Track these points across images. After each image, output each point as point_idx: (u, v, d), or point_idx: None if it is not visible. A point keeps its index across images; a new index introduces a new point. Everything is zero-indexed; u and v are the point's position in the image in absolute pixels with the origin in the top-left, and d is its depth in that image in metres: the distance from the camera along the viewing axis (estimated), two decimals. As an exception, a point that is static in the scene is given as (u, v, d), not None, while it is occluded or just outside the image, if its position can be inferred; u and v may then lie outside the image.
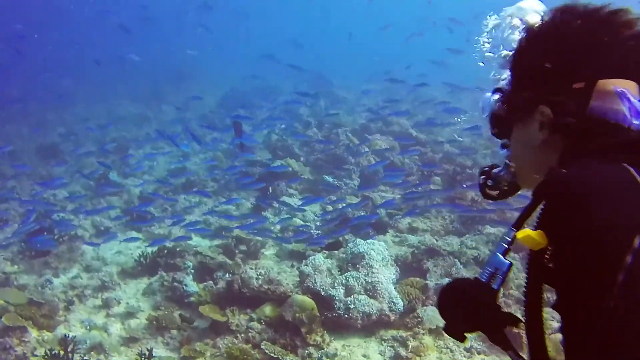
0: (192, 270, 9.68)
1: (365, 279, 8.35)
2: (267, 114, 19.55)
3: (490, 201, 1.95)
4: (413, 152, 13.80)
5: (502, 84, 1.72)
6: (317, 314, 8.02)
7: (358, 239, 9.46)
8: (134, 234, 11.92)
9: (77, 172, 15.81)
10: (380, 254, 8.76)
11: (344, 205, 11.63)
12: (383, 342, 8.06)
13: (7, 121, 22.13)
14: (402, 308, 8.20)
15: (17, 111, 22.60)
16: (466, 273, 9.14)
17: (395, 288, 8.47)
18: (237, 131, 12.89)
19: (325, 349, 7.80)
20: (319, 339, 7.85)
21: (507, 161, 1.75)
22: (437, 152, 15.22)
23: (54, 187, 14.23)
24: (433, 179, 13.17)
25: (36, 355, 8.17)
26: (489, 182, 1.81)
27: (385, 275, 8.45)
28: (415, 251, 9.72)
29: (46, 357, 7.85)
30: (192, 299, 9.07)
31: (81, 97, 27.34)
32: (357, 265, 8.63)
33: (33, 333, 8.59)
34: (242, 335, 8.09)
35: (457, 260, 9.43)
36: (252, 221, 10.97)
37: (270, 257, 10.60)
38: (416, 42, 27.77)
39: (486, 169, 1.86)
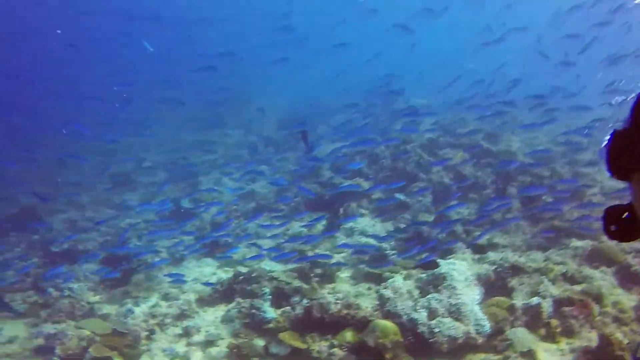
0: (269, 297, 9.58)
1: (448, 301, 8.03)
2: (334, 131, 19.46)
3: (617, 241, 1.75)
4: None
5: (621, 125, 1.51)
6: (401, 338, 7.74)
7: (438, 260, 9.13)
8: (209, 261, 11.98)
9: (148, 203, 16.21)
10: (462, 274, 8.42)
11: (418, 222, 11.30)
12: (472, 367, 7.69)
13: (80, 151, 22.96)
14: (488, 330, 7.81)
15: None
16: (555, 291, 8.63)
17: (480, 309, 8.08)
18: (304, 140, 12.73)
19: (412, 376, 7.51)
20: (404, 365, 7.56)
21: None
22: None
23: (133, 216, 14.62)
24: (509, 191, 12.65)
25: (122, 386, 8.28)
26: (612, 228, 1.70)
27: (470, 296, 8.09)
28: (498, 269, 9.26)
29: (132, 388, 7.95)
30: (270, 325, 8.96)
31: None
32: (439, 287, 8.32)
33: (118, 363, 8.71)
34: (324, 362, 7.90)
35: (544, 277, 8.94)
36: (320, 253, 10.93)
37: (346, 280, 10.40)
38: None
39: (613, 210, 1.71)
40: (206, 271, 11.60)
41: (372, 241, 11.42)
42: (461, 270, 8.51)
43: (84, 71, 32.10)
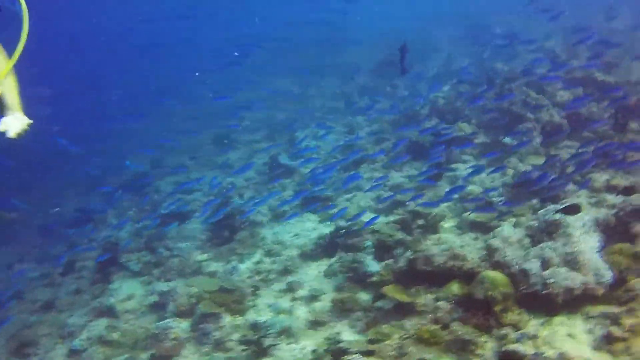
0: (372, 250, 9.37)
1: (564, 250, 7.40)
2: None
3: None
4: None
5: None
6: (511, 290, 7.28)
7: (551, 205, 8.45)
8: (310, 215, 11.94)
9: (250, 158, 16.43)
10: (579, 220, 7.72)
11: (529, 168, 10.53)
12: (590, 319, 7.03)
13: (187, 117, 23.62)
14: (611, 279, 7.12)
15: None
16: (687, 235, 7.73)
17: (600, 257, 7.39)
18: (402, 58, 11.95)
19: (524, 329, 7.03)
20: (515, 317, 7.12)
21: None
22: (633, 94, 13.30)
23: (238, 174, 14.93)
24: (631, 127, 11.48)
25: (232, 340, 8.48)
26: None
27: (589, 244, 7.42)
28: (620, 213, 8.42)
29: (241, 342, 8.10)
30: (374, 278, 8.77)
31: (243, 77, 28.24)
32: (554, 235, 7.70)
33: (227, 318, 8.93)
34: (430, 315, 7.62)
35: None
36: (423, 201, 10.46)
37: (451, 230, 9.95)
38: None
39: None
40: (307, 226, 11.57)
41: (477, 189, 10.82)
42: (578, 215, 7.80)
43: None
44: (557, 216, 7.80)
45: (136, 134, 21.61)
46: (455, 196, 10.76)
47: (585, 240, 7.47)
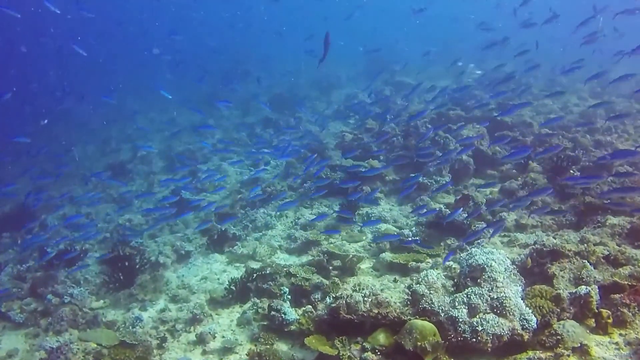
0: (289, 296, 8.83)
1: (489, 295, 7.29)
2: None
3: None
4: (504, 141, 12.52)
5: None
6: (440, 339, 7.03)
7: (473, 249, 8.39)
8: (217, 256, 11.21)
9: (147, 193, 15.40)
10: (502, 264, 7.68)
11: (439, 207, 10.54)
12: (519, 366, 6.98)
13: (76, 141, 22.10)
14: (535, 325, 7.09)
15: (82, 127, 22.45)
16: (600, 276, 7.94)
17: (524, 302, 7.36)
18: (325, 47, 11.50)
19: (455, 380, 6.81)
20: (446, 368, 6.87)
21: None
22: (527, 135, 13.93)
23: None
24: (531, 166, 11.91)
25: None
26: None
27: (512, 289, 7.36)
28: (534, 254, 8.54)
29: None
30: (292, 327, 8.25)
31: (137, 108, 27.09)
32: (478, 280, 7.58)
33: (129, 378, 7.99)
34: (357, 368, 7.19)
35: (585, 261, 8.22)
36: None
37: (368, 272, 9.67)
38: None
39: None
40: (215, 268, 10.84)
41: (392, 228, 10.67)
42: (500, 259, 7.76)
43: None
44: (481, 260, 7.71)
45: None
46: (370, 236, 10.57)
47: (509, 285, 7.41)
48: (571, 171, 11.01)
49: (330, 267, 9.67)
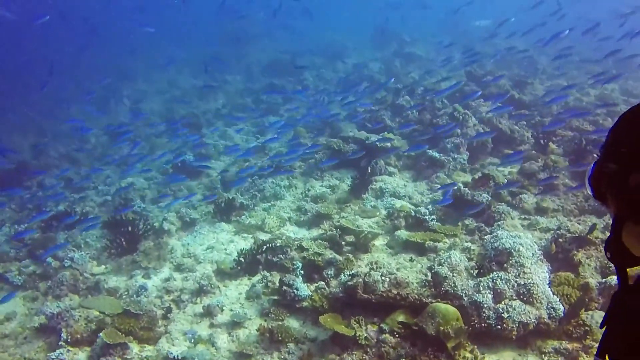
0: (301, 271, 8.47)
1: (516, 281, 6.96)
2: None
3: None
4: (522, 117, 12.10)
5: None
6: (463, 324, 6.71)
7: (499, 231, 8.03)
8: (224, 225, 10.82)
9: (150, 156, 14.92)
10: (529, 249, 7.34)
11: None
12: (544, 355, 6.68)
13: (71, 101, 21.53)
14: (562, 314, 6.78)
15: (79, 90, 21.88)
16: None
17: (551, 290, 7.04)
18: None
19: (476, 367, 6.51)
20: (468, 355, 6.56)
21: None
22: (545, 115, 13.51)
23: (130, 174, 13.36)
24: (551, 148, 11.51)
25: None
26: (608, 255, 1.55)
27: (540, 276, 7.03)
28: (559, 239, 8.19)
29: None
30: (304, 304, 7.91)
31: (139, 70, 26.47)
32: (504, 265, 7.24)
33: (135, 348, 7.66)
34: (373, 350, 6.87)
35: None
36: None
37: (382, 249, 9.31)
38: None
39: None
40: (222, 237, 10.45)
41: (407, 205, 10.29)
42: (528, 244, 7.42)
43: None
44: (508, 244, 7.36)
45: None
46: (384, 212, 10.21)
47: (536, 271, 7.08)
48: (594, 155, 10.60)
49: (343, 243, 9.31)
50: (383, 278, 7.45)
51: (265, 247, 9.22)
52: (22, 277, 9.89)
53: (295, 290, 8.02)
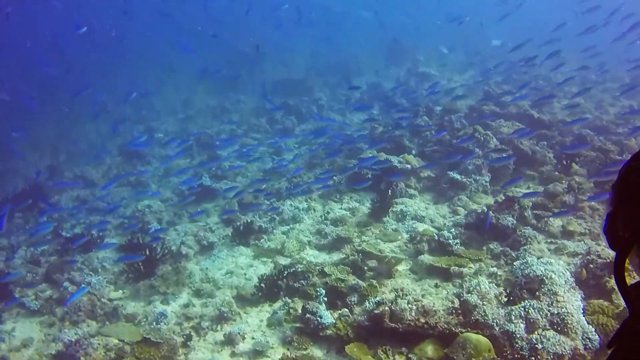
0: (325, 298, 8.26)
1: (549, 310, 6.74)
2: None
3: None
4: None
5: None
6: (495, 356, 6.49)
7: (529, 257, 7.82)
8: (242, 249, 10.65)
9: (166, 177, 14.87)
10: (562, 277, 7.12)
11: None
12: (579, 389, 6.44)
13: (86, 120, 21.55)
14: (598, 345, 6.54)
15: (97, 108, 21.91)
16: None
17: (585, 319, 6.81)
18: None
19: (508, 400, 6.27)
20: (501, 388, 6.33)
21: None
22: (566, 135, 13.31)
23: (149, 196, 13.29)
24: (574, 169, 11.30)
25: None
26: None
27: (574, 304, 6.80)
28: (590, 265, 7.95)
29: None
30: (328, 332, 7.70)
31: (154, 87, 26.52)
32: (536, 292, 7.02)
33: (154, 379, 7.47)
34: (402, 382, 6.67)
35: (646, 275, 7.63)
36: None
37: (405, 275, 9.10)
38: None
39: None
40: (241, 262, 10.29)
41: (430, 229, 10.10)
42: (560, 271, 7.21)
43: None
44: (539, 271, 7.15)
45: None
46: (406, 235, 10.03)
47: (570, 300, 6.85)
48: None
49: (366, 268, 9.11)
50: (410, 306, 7.25)
51: (286, 272, 9.04)
52: (38, 302, 9.76)
53: (318, 318, 7.82)
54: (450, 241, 9.36)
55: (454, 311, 7.41)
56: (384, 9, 34.22)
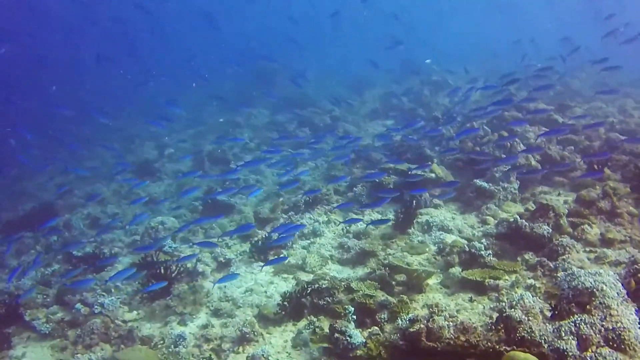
0: (354, 316, 7.74)
1: (603, 325, 6.18)
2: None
3: None
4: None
5: None
6: (545, 376, 5.94)
7: (575, 269, 7.27)
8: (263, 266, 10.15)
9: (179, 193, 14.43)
10: (614, 288, 6.56)
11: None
12: (640, 411, 5.87)
13: (97, 138, 21.23)
14: (658, 362, 5.97)
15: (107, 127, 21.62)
16: None
17: None
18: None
19: None
20: (554, 412, 5.77)
21: None
22: (593, 139, 12.78)
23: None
24: (607, 174, 10.77)
25: None
26: None
27: (629, 318, 6.24)
28: (638, 274, 7.39)
29: None
30: (358, 352, 7.16)
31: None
32: (587, 306, 6.47)
33: (174, 408, 6.95)
34: (445, 408, 6.12)
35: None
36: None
37: (437, 289, 8.56)
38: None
39: None
40: (261, 278, 9.79)
41: (459, 240, 9.57)
42: (611, 282, 6.65)
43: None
44: (588, 283, 6.61)
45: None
46: (434, 247, 9.50)
47: (624, 313, 6.30)
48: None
49: (394, 283, 8.60)
50: (448, 323, 6.71)
51: (309, 289, 8.53)
52: (49, 324, 9.28)
53: (348, 338, 7.28)
54: (482, 252, 8.82)
55: (492, 327, 6.87)
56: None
